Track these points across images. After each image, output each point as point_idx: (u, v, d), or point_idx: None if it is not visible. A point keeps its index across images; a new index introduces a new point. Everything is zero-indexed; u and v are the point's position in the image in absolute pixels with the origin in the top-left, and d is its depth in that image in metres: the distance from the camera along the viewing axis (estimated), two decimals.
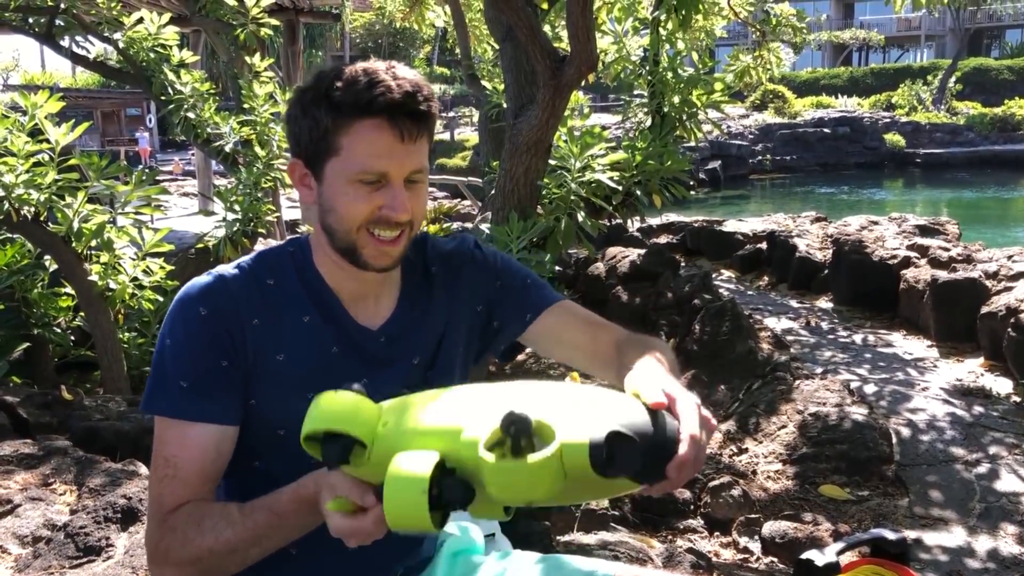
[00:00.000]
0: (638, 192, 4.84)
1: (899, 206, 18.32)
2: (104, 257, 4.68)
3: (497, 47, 6.00)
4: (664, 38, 5.66)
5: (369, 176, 1.23)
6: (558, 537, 2.71)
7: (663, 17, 5.62)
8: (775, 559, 3.25)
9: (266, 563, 1.36)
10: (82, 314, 4.95)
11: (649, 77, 5.52)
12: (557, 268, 4.94)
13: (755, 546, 3.34)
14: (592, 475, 0.94)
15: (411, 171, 1.25)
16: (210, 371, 1.25)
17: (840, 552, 1.46)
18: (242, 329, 1.27)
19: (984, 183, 23.36)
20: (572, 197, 4.57)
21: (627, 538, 2.68)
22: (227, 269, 1.32)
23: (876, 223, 7.84)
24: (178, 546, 1.20)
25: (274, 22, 7.61)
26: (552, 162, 4.68)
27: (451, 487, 0.98)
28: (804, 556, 1.43)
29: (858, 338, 6.36)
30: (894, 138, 27.10)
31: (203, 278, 1.30)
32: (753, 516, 3.47)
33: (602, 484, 0.96)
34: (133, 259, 4.82)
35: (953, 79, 31.21)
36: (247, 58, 7.09)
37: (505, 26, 4.62)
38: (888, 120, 28.14)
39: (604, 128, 5.09)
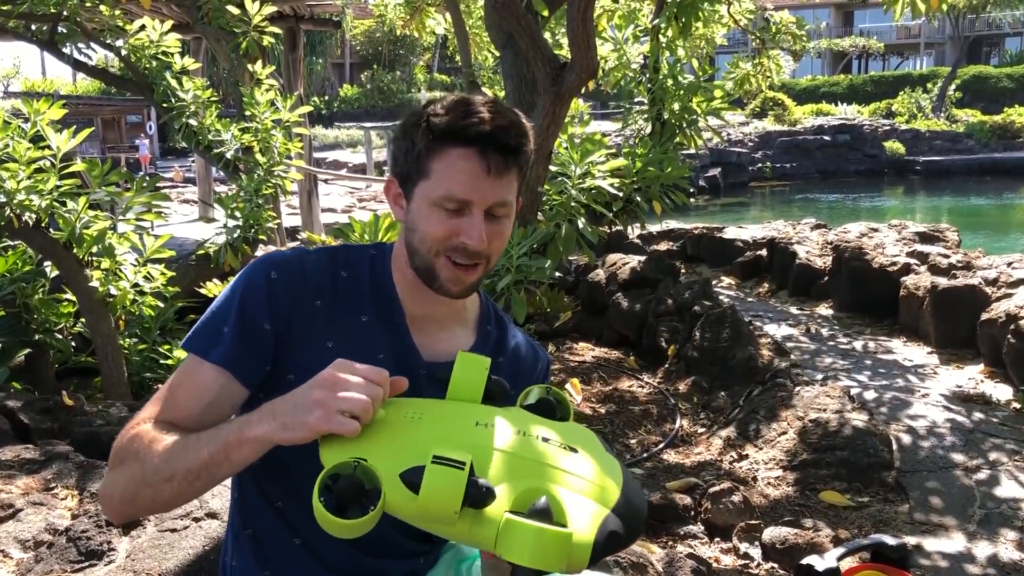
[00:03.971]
0: (638, 199, 4.85)
1: (899, 214, 18.32)
2: (105, 263, 4.68)
3: (498, 54, 6.02)
4: (664, 45, 5.68)
5: (451, 203, 1.28)
6: None
7: (663, 25, 5.65)
8: (775, 565, 3.25)
9: (269, 553, 1.38)
10: (83, 320, 4.96)
11: (649, 84, 5.54)
12: (557, 275, 4.95)
13: (755, 552, 3.34)
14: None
15: (493, 203, 1.29)
16: (251, 328, 1.29)
17: (840, 557, 1.47)
18: (300, 304, 1.32)
19: (984, 191, 23.38)
20: (572, 204, 4.58)
21: None
22: (310, 250, 1.39)
23: (876, 230, 7.84)
24: (130, 448, 1.22)
25: (275, 30, 7.63)
26: (553, 169, 4.70)
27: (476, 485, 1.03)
28: (804, 561, 1.44)
29: (858, 345, 6.36)
30: (894, 146, 27.11)
31: (287, 251, 1.38)
32: (753, 522, 3.47)
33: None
34: (134, 265, 4.82)
35: (953, 87, 31.26)
36: (248, 65, 7.11)
37: (506, 33, 4.64)
38: (888, 128, 28.16)
39: (604, 135, 5.09)
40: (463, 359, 1.21)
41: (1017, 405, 4.92)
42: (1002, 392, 5.15)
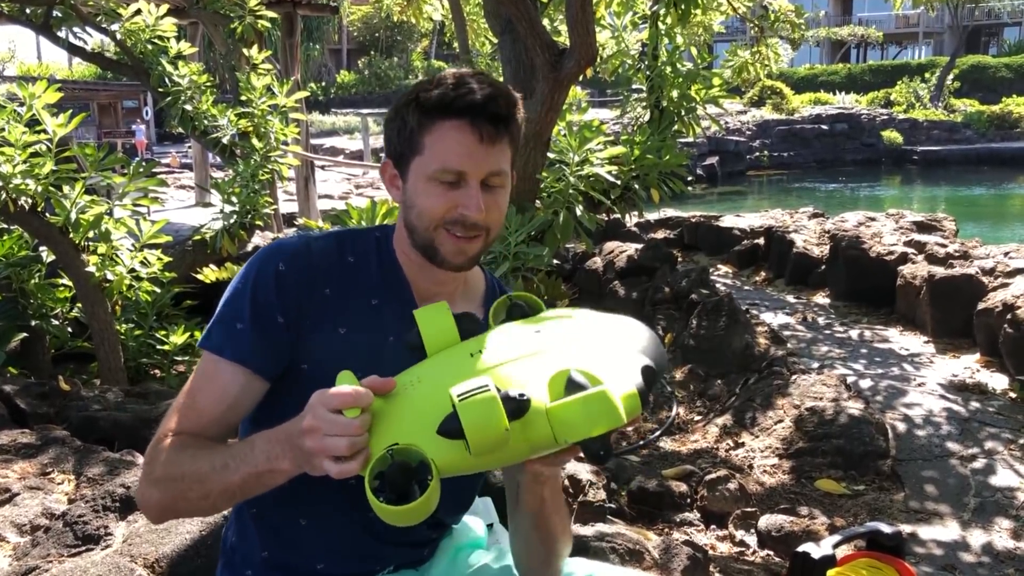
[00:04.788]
0: (636, 186, 4.84)
1: (896, 203, 18.32)
2: (102, 248, 4.67)
3: (495, 40, 5.99)
4: (663, 33, 5.66)
5: (447, 175, 1.28)
6: None
7: (662, 12, 5.62)
8: (771, 552, 3.26)
9: (274, 534, 1.38)
10: (79, 305, 4.95)
11: (648, 72, 5.52)
12: (555, 262, 4.94)
13: (751, 540, 3.35)
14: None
15: (488, 172, 1.30)
16: (265, 322, 1.29)
17: (836, 545, 1.47)
18: (311, 294, 1.32)
19: (981, 181, 23.37)
20: (571, 191, 4.57)
21: (624, 530, 2.68)
22: (316, 236, 1.38)
23: (873, 219, 7.84)
24: (160, 465, 1.25)
25: (272, 14, 7.59)
26: (551, 156, 4.68)
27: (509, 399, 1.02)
28: (801, 549, 1.44)
29: (854, 334, 6.37)
30: (892, 135, 27.05)
31: (292, 238, 1.37)
32: (749, 510, 3.48)
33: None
34: (131, 250, 4.81)
35: (951, 76, 31.19)
36: (245, 50, 7.08)
37: (504, 19, 4.62)
38: (886, 117, 28.07)
39: (602, 123, 5.07)
40: (421, 315, 1.19)
41: (1013, 394, 4.94)
42: (998, 381, 5.16)
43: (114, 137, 23.89)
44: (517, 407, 1.00)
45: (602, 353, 1.11)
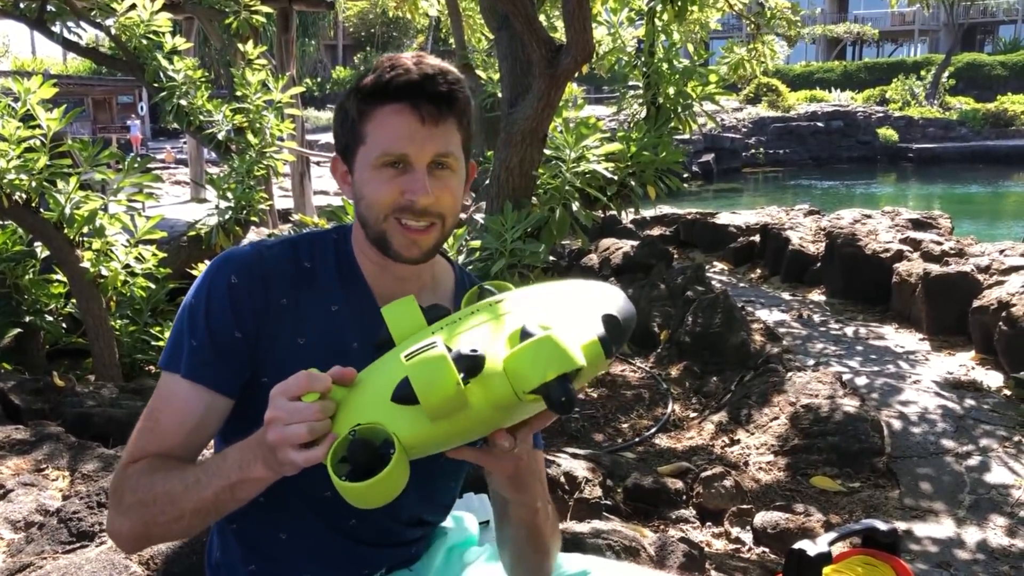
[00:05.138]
0: (633, 183, 4.83)
1: (891, 200, 18.34)
2: (96, 244, 4.65)
3: (491, 37, 5.98)
4: (660, 29, 5.65)
5: (389, 158, 1.24)
6: None
7: (659, 8, 5.61)
8: (767, 549, 3.26)
9: (255, 548, 1.36)
10: (74, 301, 4.93)
11: (644, 68, 5.51)
12: (551, 259, 4.93)
13: (747, 536, 3.35)
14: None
15: (434, 154, 1.25)
16: (221, 338, 1.25)
17: (832, 542, 1.47)
18: (267, 306, 1.28)
19: (976, 178, 23.41)
20: (567, 188, 4.56)
21: (620, 527, 2.68)
22: (269, 243, 1.34)
23: (869, 216, 7.85)
24: (129, 491, 1.20)
25: (267, 10, 7.58)
26: (547, 152, 4.67)
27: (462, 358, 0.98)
28: (796, 546, 1.43)
29: (850, 331, 6.38)
30: (887, 132, 27.10)
31: (244, 247, 1.32)
32: (745, 507, 3.48)
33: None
34: (125, 246, 4.79)
35: (946, 74, 31.25)
36: (240, 46, 7.06)
37: (501, 15, 4.61)
38: (881, 115, 28.13)
39: (598, 120, 5.07)
40: (388, 311, 1.14)
41: (1008, 392, 4.94)
42: (993, 379, 5.16)
43: (109, 132, 23.82)
44: (472, 363, 0.97)
45: (565, 309, 1.08)
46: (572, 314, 1.07)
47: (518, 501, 1.28)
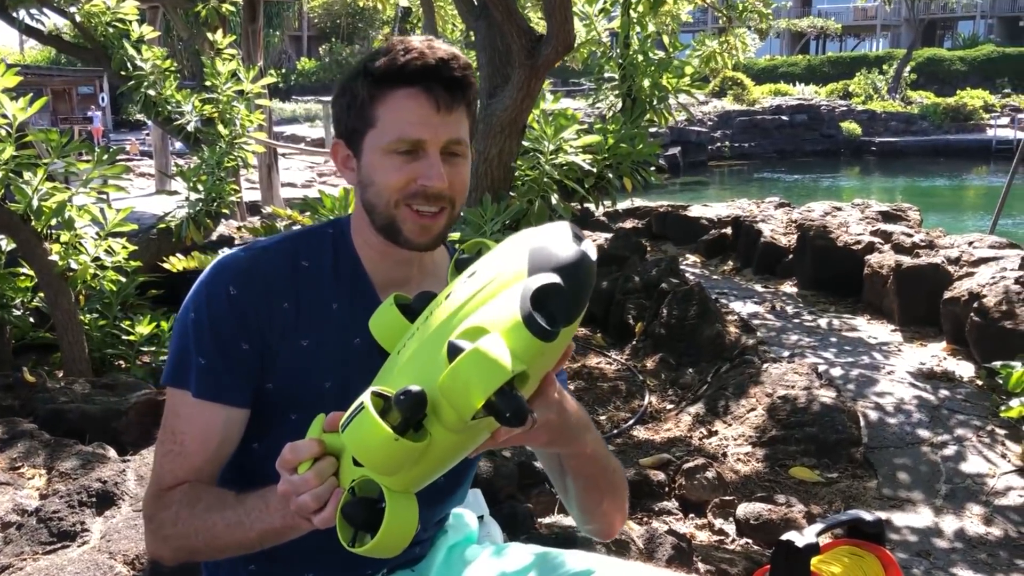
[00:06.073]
0: (610, 175, 4.82)
1: (856, 194, 18.57)
2: (64, 237, 4.54)
3: (463, 27, 5.93)
4: (635, 21, 5.63)
5: (404, 144, 1.21)
6: (540, 520, 2.69)
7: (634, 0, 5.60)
8: (750, 541, 3.27)
9: (256, 553, 1.33)
10: (41, 295, 4.82)
11: (620, 60, 5.50)
12: None
13: (730, 528, 3.36)
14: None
15: (447, 140, 1.23)
16: (230, 352, 1.23)
17: (819, 533, 1.47)
18: (270, 313, 1.26)
19: (937, 172, 23.78)
20: (545, 180, 4.54)
21: None
22: (265, 246, 1.30)
23: (839, 209, 7.92)
24: (170, 523, 1.21)
25: None
26: (525, 144, 4.64)
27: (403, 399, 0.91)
28: (784, 537, 1.44)
29: (823, 322, 6.42)
30: (850, 126, 27.42)
31: (239, 253, 1.29)
32: (727, 498, 3.49)
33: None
34: (95, 239, 4.69)
35: (908, 69, 31.69)
36: (208, 35, 6.94)
37: (479, 5, 4.57)
38: (845, 108, 28.47)
39: (575, 112, 5.05)
40: (373, 324, 1.10)
41: (980, 382, 5.01)
42: (965, 369, 5.23)
43: (70, 124, 23.37)
44: (410, 404, 0.90)
45: (505, 286, 0.97)
46: (509, 294, 0.95)
47: (568, 454, 1.24)
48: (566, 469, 1.28)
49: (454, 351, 0.89)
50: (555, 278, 0.93)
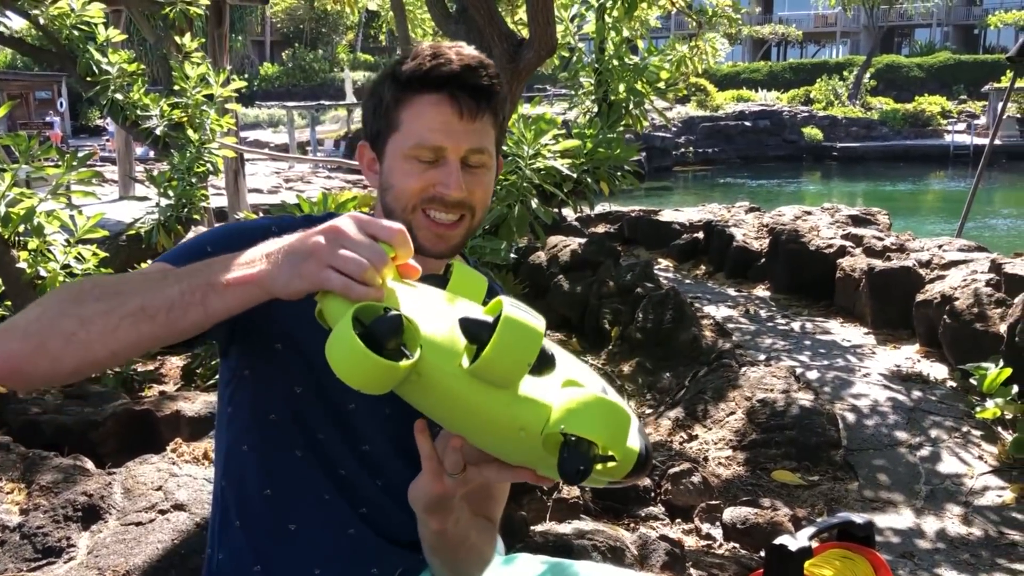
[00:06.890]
0: (588, 180, 4.82)
1: (819, 198, 18.77)
2: (33, 243, 4.44)
3: (435, 31, 5.89)
4: (610, 26, 5.64)
5: (425, 151, 1.20)
6: (533, 527, 2.66)
7: (609, 4, 5.60)
8: (737, 545, 3.27)
9: (262, 544, 1.29)
10: (8, 303, 4.70)
11: (596, 65, 5.50)
12: (512, 256, 4.86)
13: (717, 532, 3.36)
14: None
15: (469, 150, 1.21)
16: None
17: (811, 537, 1.47)
18: None
19: (897, 176, 24.17)
20: (524, 184, 4.52)
21: (602, 527, 2.65)
22: (278, 220, 1.26)
23: (810, 213, 8.00)
24: (63, 290, 1.04)
25: (205, 1, 7.35)
26: (505, 148, 4.62)
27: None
28: (777, 541, 1.43)
29: (796, 326, 6.47)
30: (812, 132, 27.80)
31: (255, 220, 1.27)
32: (713, 503, 3.49)
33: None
34: (64, 246, 4.58)
35: (867, 75, 32.20)
36: (176, 38, 6.83)
37: (457, 8, 4.53)
38: (806, 114, 28.86)
39: (554, 116, 5.04)
40: (459, 272, 1.05)
41: (953, 383, 5.07)
42: (938, 371, 5.29)
43: (29, 129, 22.94)
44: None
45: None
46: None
47: (423, 520, 1.14)
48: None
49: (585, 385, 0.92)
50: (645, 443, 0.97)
